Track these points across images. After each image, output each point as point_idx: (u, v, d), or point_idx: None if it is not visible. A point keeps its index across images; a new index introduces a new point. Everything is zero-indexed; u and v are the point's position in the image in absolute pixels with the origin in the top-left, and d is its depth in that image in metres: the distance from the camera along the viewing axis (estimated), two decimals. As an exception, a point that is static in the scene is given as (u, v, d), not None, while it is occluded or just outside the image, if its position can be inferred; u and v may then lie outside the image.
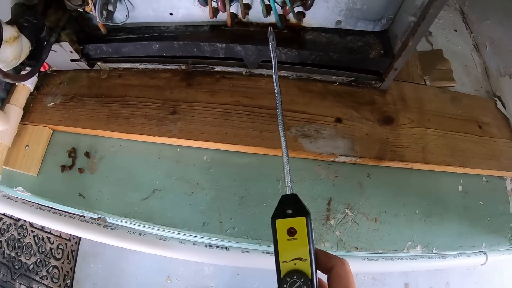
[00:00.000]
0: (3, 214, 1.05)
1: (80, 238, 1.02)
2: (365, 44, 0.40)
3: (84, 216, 0.42)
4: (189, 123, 0.39)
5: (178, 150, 0.40)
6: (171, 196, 0.39)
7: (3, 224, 1.12)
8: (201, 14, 0.40)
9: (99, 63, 0.47)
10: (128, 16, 0.40)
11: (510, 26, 0.45)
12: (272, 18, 0.39)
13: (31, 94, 0.49)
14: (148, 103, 0.42)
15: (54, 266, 1.01)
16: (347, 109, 0.41)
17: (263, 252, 0.38)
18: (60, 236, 1.05)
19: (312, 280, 0.21)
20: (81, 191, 0.42)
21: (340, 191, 0.38)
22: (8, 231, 1.11)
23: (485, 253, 0.47)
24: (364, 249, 0.37)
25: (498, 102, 0.46)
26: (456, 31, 0.51)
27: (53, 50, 0.42)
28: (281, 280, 0.21)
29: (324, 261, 0.23)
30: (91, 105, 0.45)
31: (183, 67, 0.43)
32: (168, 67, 0.44)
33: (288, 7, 0.35)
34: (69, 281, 0.99)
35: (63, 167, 0.44)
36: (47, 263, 1.03)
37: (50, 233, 1.07)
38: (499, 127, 0.44)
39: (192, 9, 0.39)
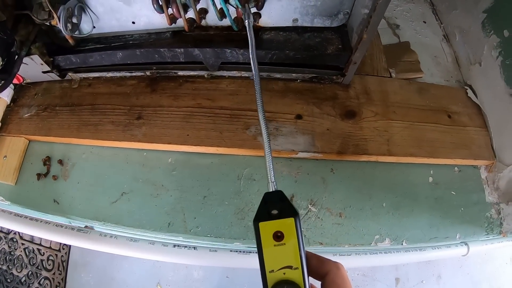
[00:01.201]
0: None
1: (70, 248, 1.06)
2: (323, 40, 0.42)
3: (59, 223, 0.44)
4: (153, 127, 0.42)
5: (144, 154, 0.43)
6: (138, 199, 0.41)
7: None
8: (161, 21, 0.43)
9: (70, 74, 0.50)
10: (94, 27, 0.44)
11: (478, 14, 0.46)
12: (227, 21, 0.41)
13: (7, 106, 0.53)
14: (115, 110, 0.45)
15: (46, 278, 1.05)
16: (308, 106, 0.43)
17: (231, 251, 0.40)
18: (50, 247, 1.09)
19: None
20: (55, 198, 0.45)
21: (303, 187, 0.40)
22: None
23: (466, 244, 0.47)
24: (329, 244, 0.38)
25: (469, 91, 0.47)
26: (425, 22, 0.52)
27: (24, 63, 0.46)
28: None
29: (316, 267, 0.21)
30: (62, 114, 0.48)
31: (148, 73, 0.46)
32: (134, 74, 0.47)
33: (240, 8, 0.38)
34: None
35: (39, 175, 0.48)
36: (38, 275, 1.07)
37: (40, 244, 1.11)
38: (470, 116, 0.45)
39: (153, 17, 0.43)
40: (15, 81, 0.54)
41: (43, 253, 1.08)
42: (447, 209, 0.42)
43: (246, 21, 0.35)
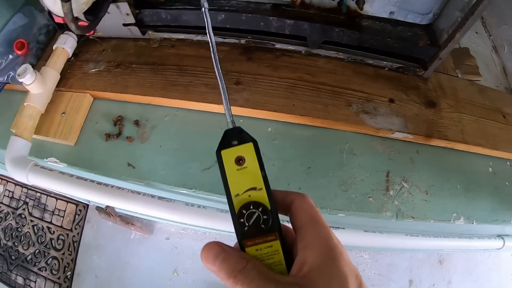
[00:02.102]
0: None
1: (83, 228, 1.01)
2: (414, 34, 0.48)
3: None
4: (254, 94, 0.44)
5: (241, 120, 0.45)
6: (236, 166, 0.42)
7: (0, 212, 1.07)
8: None
9: (149, 32, 0.50)
10: None
11: None
12: (332, 3, 0.45)
13: (68, 60, 0.50)
14: (208, 73, 0.45)
15: (54, 257, 0.99)
16: (397, 92, 0.48)
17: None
18: (61, 227, 1.04)
19: (271, 209, 0.21)
20: (130, 161, 0.44)
21: (396, 165, 0.45)
22: (6, 219, 1.07)
23: (502, 238, 0.56)
24: (419, 219, 0.43)
25: (516, 97, 0.57)
26: (477, 33, 0.62)
27: (107, 12, 0.44)
28: (236, 215, 0.21)
29: (281, 198, 0.22)
30: (141, 72, 0.48)
31: (242, 41, 0.48)
32: (226, 40, 0.48)
33: None
34: (69, 273, 0.97)
35: (108, 136, 0.46)
36: (46, 254, 1.01)
37: (50, 222, 1.05)
38: None
39: None
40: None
41: (53, 231, 1.03)
42: (504, 197, 0.50)
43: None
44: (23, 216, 1.08)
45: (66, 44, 0.51)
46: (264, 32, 0.47)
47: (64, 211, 1.04)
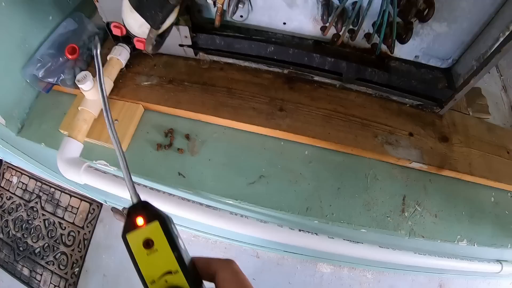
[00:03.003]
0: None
1: (94, 226, 1.10)
2: (434, 77, 0.60)
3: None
4: (296, 120, 0.55)
5: (282, 143, 0.56)
6: (276, 183, 0.53)
7: (12, 203, 1.17)
8: (311, 29, 0.57)
9: (200, 53, 0.60)
10: (246, 17, 0.55)
11: None
12: (366, 44, 0.57)
13: (120, 70, 0.60)
14: (255, 97, 0.56)
15: (63, 253, 1.08)
16: (416, 127, 0.60)
17: (350, 241, 0.54)
18: (73, 223, 1.12)
19: None
20: (180, 171, 0.54)
21: (411, 191, 0.57)
22: (17, 211, 1.16)
23: (501, 263, 0.68)
24: (428, 238, 0.55)
25: (520, 135, 0.69)
26: (489, 73, 0.74)
27: None
28: None
29: (204, 268, 0.22)
30: (193, 90, 0.58)
31: (285, 71, 0.59)
32: (271, 69, 0.59)
33: (391, 40, 0.53)
34: (77, 269, 1.06)
35: (159, 145, 0.56)
36: (55, 248, 1.09)
37: (62, 218, 1.14)
38: None
39: (305, 23, 0.56)
40: (140, 46, 0.62)
41: (64, 227, 1.11)
42: (503, 224, 0.62)
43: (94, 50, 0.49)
44: (35, 209, 1.17)
45: (121, 56, 0.61)
46: (306, 65, 0.58)
47: (78, 208, 1.13)
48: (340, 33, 0.54)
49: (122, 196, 0.55)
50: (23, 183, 1.23)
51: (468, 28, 0.56)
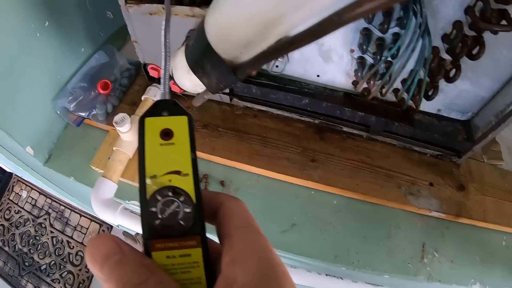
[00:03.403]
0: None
1: None
2: (454, 129, 0.66)
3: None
4: (326, 171, 0.61)
5: (312, 192, 0.61)
6: (307, 231, 0.59)
7: (20, 217, 1.21)
8: (343, 82, 0.63)
9: (234, 99, 0.65)
10: (283, 69, 0.61)
11: None
12: (392, 98, 0.63)
13: None
14: (288, 148, 0.62)
15: (70, 272, 1.12)
16: (436, 176, 0.66)
17: (372, 284, 0.60)
18: (81, 243, 1.15)
19: (196, 203, 0.18)
20: None
21: (430, 238, 0.63)
22: (25, 225, 1.19)
23: None
24: (444, 282, 0.61)
25: (528, 180, 0.75)
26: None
27: None
28: (146, 202, 0.17)
29: (208, 198, 0.20)
30: (228, 137, 0.64)
31: (316, 121, 0.64)
32: (303, 118, 0.64)
33: (418, 97, 0.59)
34: None
35: None
36: (62, 267, 1.13)
37: (71, 237, 1.18)
38: None
39: (338, 77, 0.62)
40: (176, 88, 0.66)
41: (73, 246, 1.15)
42: None
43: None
44: (43, 225, 1.22)
45: (156, 97, 0.66)
46: (337, 117, 0.63)
47: (87, 228, 1.18)
48: (372, 90, 0.60)
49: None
50: (32, 198, 1.26)
51: (489, 86, 0.62)
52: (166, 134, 0.19)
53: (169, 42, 0.33)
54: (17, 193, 1.26)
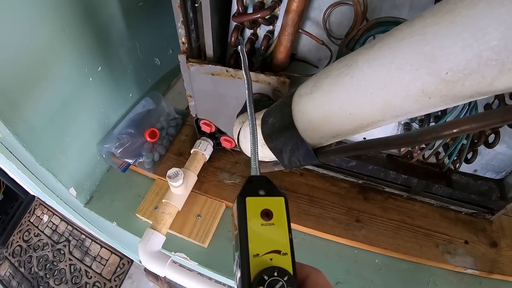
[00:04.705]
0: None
1: (122, 282, 1.23)
2: (489, 188, 0.77)
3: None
4: (370, 231, 0.71)
5: (355, 251, 0.72)
6: (351, 288, 0.70)
7: (39, 240, 1.29)
8: None
9: None
10: None
11: None
12: (432, 159, 0.73)
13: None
14: (334, 208, 0.72)
15: None
16: (471, 234, 0.77)
17: None
18: (100, 274, 1.25)
19: (294, 280, 0.21)
20: None
21: (465, 294, 0.74)
22: (43, 249, 1.27)
23: None
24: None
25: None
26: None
27: None
28: (250, 281, 0.20)
29: (297, 271, 0.23)
30: None
31: (360, 181, 0.75)
32: (347, 178, 0.75)
33: (458, 161, 0.70)
34: None
35: None
36: None
37: (89, 267, 1.26)
38: None
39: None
40: (227, 144, 0.77)
41: (91, 276, 1.24)
42: None
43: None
44: (62, 252, 1.31)
45: (206, 151, 0.76)
46: (381, 179, 0.74)
47: (107, 260, 1.27)
48: (415, 154, 0.71)
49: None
50: (53, 223, 1.35)
51: (521, 148, 0.73)
52: (267, 215, 0.23)
53: (256, 125, 0.41)
54: (38, 216, 1.35)
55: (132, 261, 1.27)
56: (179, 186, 0.70)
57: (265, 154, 0.51)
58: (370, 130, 0.35)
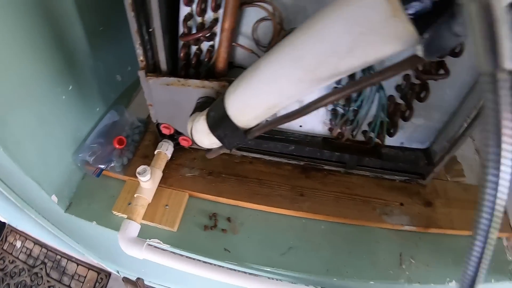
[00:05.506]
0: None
1: None
2: (416, 157, 0.95)
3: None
4: (313, 203, 0.89)
5: (303, 221, 0.89)
6: (302, 252, 0.86)
7: (15, 267, 1.40)
8: (321, 129, 0.92)
9: (233, 150, 0.94)
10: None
11: None
12: (362, 138, 0.92)
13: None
14: (281, 186, 0.90)
15: None
16: (405, 197, 0.95)
17: None
18: None
19: None
20: (225, 247, 0.87)
21: (406, 248, 0.90)
22: (20, 275, 1.40)
23: None
24: (423, 283, 0.88)
25: (490, 191, 1.04)
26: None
27: None
28: None
29: None
30: (230, 181, 0.92)
31: (301, 163, 0.93)
32: (290, 161, 0.93)
33: (382, 135, 0.89)
34: None
35: (206, 227, 0.88)
36: None
37: (68, 286, 1.39)
38: None
39: (317, 125, 0.91)
40: (184, 143, 0.95)
41: None
42: None
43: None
44: (39, 275, 1.44)
45: (167, 151, 0.94)
46: (318, 158, 0.92)
47: (85, 277, 1.40)
48: (344, 133, 0.89)
49: (181, 269, 0.87)
50: (27, 248, 1.49)
51: (440, 118, 0.91)
52: None
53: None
54: (11, 243, 1.48)
55: (110, 274, 1.40)
56: (148, 180, 0.87)
57: (211, 141, 0.70)
58: (278, 110, 0.58)
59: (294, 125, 0.91)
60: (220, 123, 0.64)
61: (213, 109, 0.67)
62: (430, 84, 0.79)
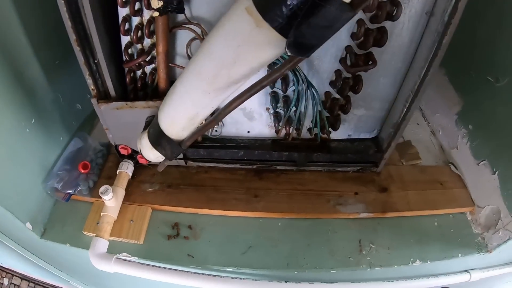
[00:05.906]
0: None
1: None
2: (366, 146, 1.02)
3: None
4: (268, 202, 0.95)
5: (260, 220, 0.96)
6: (262, 249, 0.92)
7: None
8: (267, 133, 0.99)
9: (189, 162, 1.02)
10: (220, 132, 0.97)
11: (452, 116, 1.10)
12: (309, 135, 0.99)
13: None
14: (235, 190, 0.97)
15: None
16: (359, 186, 1.01)
17: (326, 283, 0.92)
18: None
19: None
20: (189, 253, 0.93)
21: (365, 234, 0.96)
22: None
23: (468, 272, 1.04)
24: (385, 266, 0.93)
25: (452, 166, 1.09)
26: (418, 124, 1.17)
27: None
28: None
29: None
30: (188, 191, 0.99)
31: (254, 166, 1.00)
32: (243, 166, 1.00)
33: (326, 130, 0.95)
34: None
35: (169, 236, 0.95)
36: None
37: None
38: (455, 182, 1.06)
39: (263, 129, 0.98)
40: (143, 161, 1.02)
41: None
42: (450, 240, 0.98)
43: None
44: None
45: (128, 170, 1.02)
46: (269, 160, 0.99)
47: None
48: (290, 133, 0.97)
49: (149, 278, 0.93)
50: (14, 285, 1.56)
51: (381, 107, 0.97)
52: None
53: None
54: None
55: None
56: (110, 199, 0.95)
57: (156, 155, 0.78)
58: (201, 119, 0.68)
59: (242, 131, 0.99)
60: (157, 138, 0.73)
61: (151, 126, 0.76)
62: (362, 75, 0.85)
